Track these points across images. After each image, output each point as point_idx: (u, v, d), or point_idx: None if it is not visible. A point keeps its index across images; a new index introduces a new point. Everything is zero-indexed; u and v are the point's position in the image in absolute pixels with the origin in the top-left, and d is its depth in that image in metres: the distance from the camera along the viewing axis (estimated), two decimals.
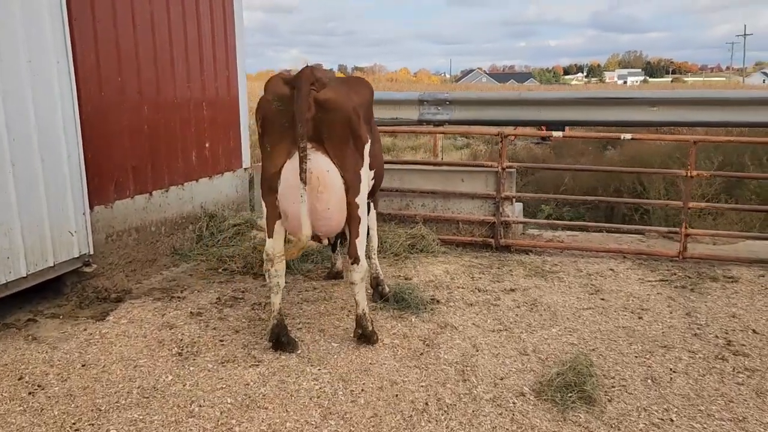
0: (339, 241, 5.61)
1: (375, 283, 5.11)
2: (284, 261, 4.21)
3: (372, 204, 4.95)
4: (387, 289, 5.05)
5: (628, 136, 5.97)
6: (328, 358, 4.07)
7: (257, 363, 4.01)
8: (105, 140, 5.24)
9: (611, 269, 5.97)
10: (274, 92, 3.94)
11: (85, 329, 4.44)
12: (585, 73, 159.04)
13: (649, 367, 4.04)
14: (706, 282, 5.58)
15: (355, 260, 4.20)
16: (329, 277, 5.64)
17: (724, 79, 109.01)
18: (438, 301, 5.11)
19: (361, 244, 4.23)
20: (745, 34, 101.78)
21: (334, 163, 3.97)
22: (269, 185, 4.05)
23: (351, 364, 4.01)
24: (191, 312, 4.79)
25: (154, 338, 4.32)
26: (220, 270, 5.83)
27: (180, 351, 4.14)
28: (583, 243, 6.62)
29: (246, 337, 4.38)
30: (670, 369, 4.01)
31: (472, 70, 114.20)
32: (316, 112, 3.85)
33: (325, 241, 4.75)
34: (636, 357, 4.17)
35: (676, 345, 4.34)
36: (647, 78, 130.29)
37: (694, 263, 6.06)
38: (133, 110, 5.57)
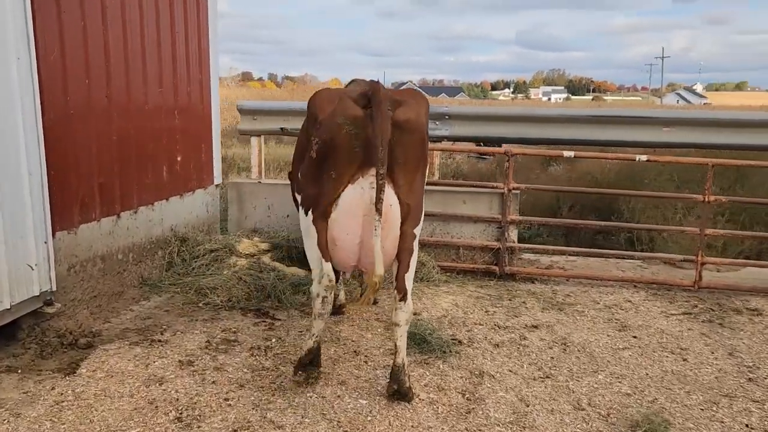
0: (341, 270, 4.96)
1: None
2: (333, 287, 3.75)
3: None
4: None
5: (644, 157, 5.60)
6: (361, 421, 3.42)
7: (278, 428, 3.31)
8: (69, 153, 4.40)
9: (629, 300, 5.56)
10: (345, 114, 3.40)
11: (53, 388, 3.61)
12: (511, 89, 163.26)
13: (721, 422, 3.59)
14: (730, 315, 5.26)
15: (403, 297, 3.62)
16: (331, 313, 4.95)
17: (640, 98, 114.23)
18: (461, 342, 4.53)
19: (410, 279, 3.67)
20: (663, 57, 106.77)
21: (396, 192, 3.49)
22: (324, 212, 3.54)
23: (390, 428, 3.37)
24: (180, 361, 4.02)
25: (143, 398, 3.54)
26: (200, 304, 5.05)
27: (179, 416, 3.38)
28: (596, 272, 6.20)
29: (254, 393, 3.66)
30: (745, 425, 3.58)
31: (405, 83, 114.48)
32: (392, 135, 3.35)
33: (348, 275, 4.14)
34: (702, 410, 3.72)
35: (737, 394, 3.93)
36: (570, 95, 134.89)
37: (709, 293, 5.75)
38: (102, 118, 4.74)
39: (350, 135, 3.36)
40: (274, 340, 4.44)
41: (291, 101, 9.43)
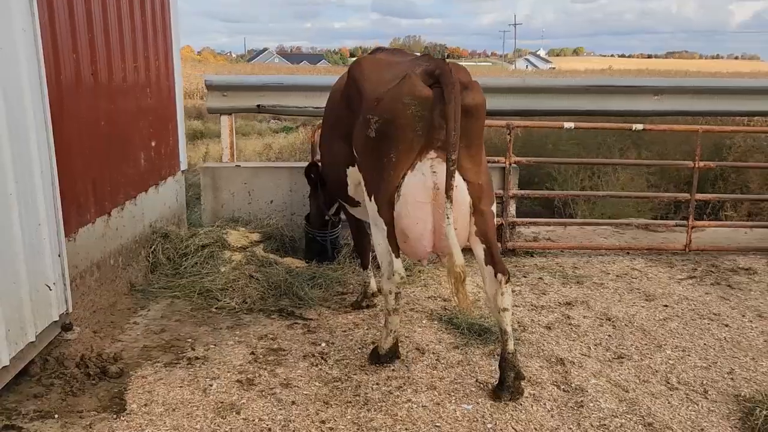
0: (370, 255, 4.59)
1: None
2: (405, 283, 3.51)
3: None
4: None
5: (640, 126, 5.63)
6: (482, 429, 3.12)
7: None
8: (66, 143, 3.62)
9: (634, 268, 5.63)
10: (412, 94, 3.10)
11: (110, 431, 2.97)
12: None
13: None
14: (730, 276, 5.48)
15: (507, 276, 3.37)
16: (358, 306, 4.57)
17: (491, 64, 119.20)
18: (513, 328, 4.32)
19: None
20: (515, 24, 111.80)
21: (463, 174, 3.25)
22: (389, 200, 3.27)
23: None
24: (239, 381, 3.48)
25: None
26: (213, 309, 4.45)
27: None
28: (589, 242, 6.21)
29: (347, 410, 3.24)
30: None
31: (264, 50, 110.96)
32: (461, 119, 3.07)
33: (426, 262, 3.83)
34: None
35: None
36: None
37: (696, 255, 5.96)
38: (90, 99, 3.96)
39: (415, 116, 3.11)
40: (323, 344, 3.99)
41: (266, 75, 8.62)
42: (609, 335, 4.27)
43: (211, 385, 3.42)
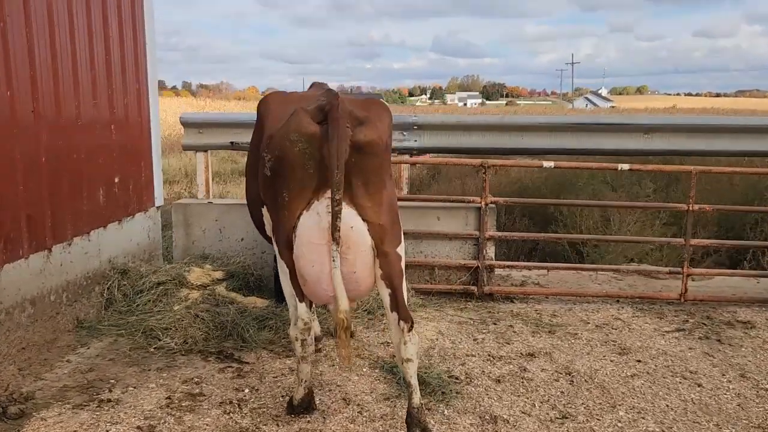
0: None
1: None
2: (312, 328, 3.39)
3: None
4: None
5: (626, 166, 5.30)
6: None
7: None
8: None
9: (618, 318, 5.24)
10: (299, 131, 2.94)
11: None
12: (428, 95, 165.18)
13: None
14: (724, 330, 5.01)
15: (410, 323, 3.15)
16: None
17: (551, 102, 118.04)
18: (458, 379, 4.04)
19: (406, 306, 3.22)
20: (573, 63, 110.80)
21: (362, 216, 3.05)
22: (286, 241, 3.12)
23: None
24: (138, 427, 3.33)
25: None
26: (151, 349, 4.34)
27: None
28: (577, 288, 5.85)
29: None
30: None
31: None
32: (351, 156, 2.92)
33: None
34: None
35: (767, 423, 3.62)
36: (484, 100, 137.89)
37: (694, 305, 5.50)
38: (27, 135, 3.98)
39: (304, 154, 2.94)
40: (247, 390, 3.81)
41: (240, 112, 8.71)
42: (562, 392, 3.93)
43: (108, 431, 3.28)
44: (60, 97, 4.31)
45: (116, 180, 5.08)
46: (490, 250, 5.61)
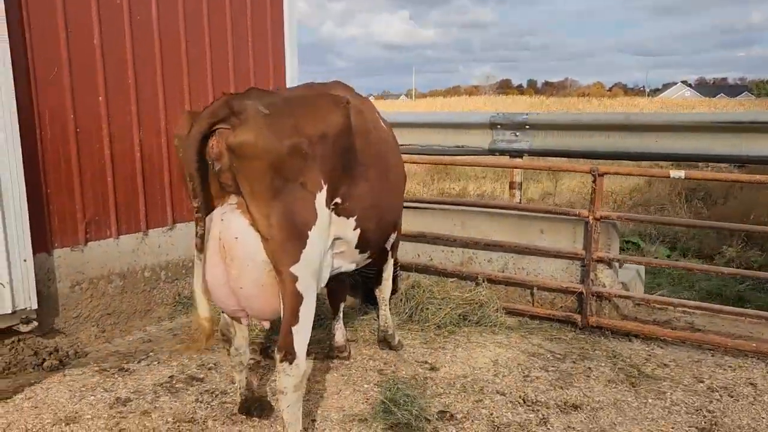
0: (340, 304, 4.29)
1: (382, 336, 4.44)
2: (242, 338, 3.39)
3: (390, 251, 4.24)
4: (397, 339, 4.42)
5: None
6: None
7: None
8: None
9: (751, 383, 3.93)
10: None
11: None
12: None
13: None
14: None
15: (288, 356, 2.86)
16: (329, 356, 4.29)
17: None
18: (451, 417, 3.53)
19: (299, 333, 2.89)
20: None
21: (253, 225, 2.83)
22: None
23: None
24: (118, 398, 3.70)
25: None
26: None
27: None
28: (716, 336, 4.54)
29: None
30: None
31: (674, 83, 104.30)
32: (230, 160, 2.75)
33: (266, 324, 3.51)
34: None
35: None
36: None
37: None
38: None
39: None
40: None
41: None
42: None
43: (101, 397, 3.71)
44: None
45: None
46: (604, 274, 4.68)
